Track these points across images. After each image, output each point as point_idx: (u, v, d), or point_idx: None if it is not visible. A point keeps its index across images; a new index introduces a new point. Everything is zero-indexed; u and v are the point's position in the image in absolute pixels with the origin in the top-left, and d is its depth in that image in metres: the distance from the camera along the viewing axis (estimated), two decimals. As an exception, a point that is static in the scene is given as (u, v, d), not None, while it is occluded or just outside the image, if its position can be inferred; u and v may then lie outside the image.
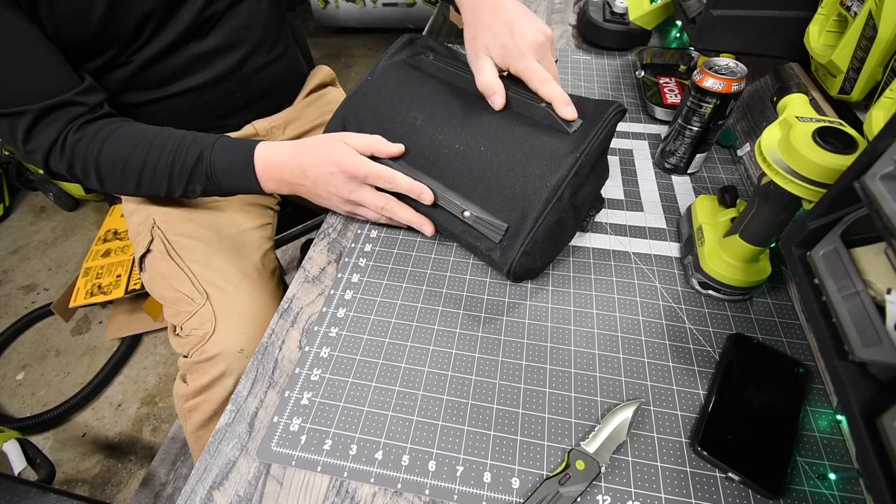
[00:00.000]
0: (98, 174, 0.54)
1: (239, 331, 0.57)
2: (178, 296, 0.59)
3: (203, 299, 0.58)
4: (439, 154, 0.49)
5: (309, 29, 2.66)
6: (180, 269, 0.61)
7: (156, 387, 1.26)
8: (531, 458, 0.38)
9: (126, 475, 1.10)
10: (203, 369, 0.56)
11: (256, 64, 0.68)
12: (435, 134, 0.49)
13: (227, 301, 0.59)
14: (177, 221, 0.64)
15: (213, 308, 0.58)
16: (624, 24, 0.84)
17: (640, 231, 0.55)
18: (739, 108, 0.68)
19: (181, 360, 0.58)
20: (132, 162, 0.53)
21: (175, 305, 0.60)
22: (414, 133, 0.50)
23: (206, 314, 0.57)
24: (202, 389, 0.56)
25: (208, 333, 0.56)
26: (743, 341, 0.43)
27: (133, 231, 0.67)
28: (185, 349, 0.58)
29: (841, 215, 0.30)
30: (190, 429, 0.58)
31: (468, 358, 0.44)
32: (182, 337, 0.58)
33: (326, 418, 0.40)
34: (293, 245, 1.53)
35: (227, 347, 0.55)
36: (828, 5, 0.50)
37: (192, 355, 0.56)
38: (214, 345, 0.56)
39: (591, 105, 0.48)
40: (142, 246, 0.64)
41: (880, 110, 0.39)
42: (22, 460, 0.87)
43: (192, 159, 0.52)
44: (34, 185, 1.76)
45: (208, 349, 0.56)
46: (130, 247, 1.35)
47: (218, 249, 0.63)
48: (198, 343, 0.56)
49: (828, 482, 0.36)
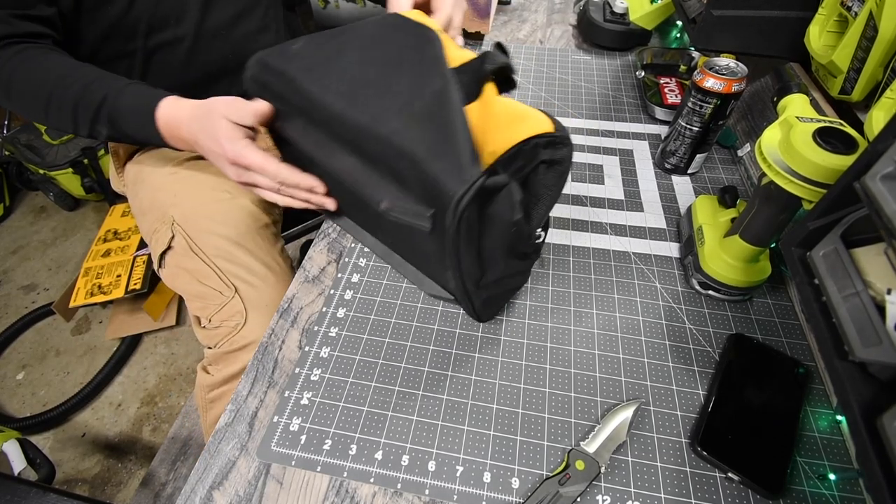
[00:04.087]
0: (8, 93, 0.53)
1: (268, 319, 0.58)
2: (206, 290, 0.61)
3: (232, 292, 0.59)
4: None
5: (309, 29, 2.66)
6: (206, 264, 0.62)
7: (156, 387, 1.26)
8: (531, 458, 0.38)
9: (126, 475, 1.10)
10: (233, 359, 0.57)
11: (249, 28, 0.67)
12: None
13: (256, 294, 0.60)
14: (196, 218, 0.65)
15: (242, 300, 0.59)
16: (624, 24, 0.84)
17: (640, 231, 0.55)
18: (740, 108, 0.68)
19: (207, 351, 0.60)
20: (42, 90, 0.52)
21: (202, 299, 0.61)
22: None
23: (236, 306, 0.59)
24: (229, 379, 0.57)
25: (240, 324, 0.58)
26: (743, 341, 0.43)
27: (148, 228, 0.68)
28: (213, 341, 0.59)
29: (841, 215, 0.30)
30: (210, 420, 0.60)
31: (468, 358, 0.44)
32: (210, 329, 0.60)
33: (326, 418, 0.40)
34: (293, 245, 1.53)
35: (258, 336, 0.57)
36: (828, 5, 0.50)
37: (222, 346, 0.58)
38: (246, 334, 0.57)
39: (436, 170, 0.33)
40: (161, 243, 0.64)
41: (881, 110, 0.39)
42: (22, 460, 0.87)
43: (98, 100, 0.51)
44: (34, 185, 1.76)
45: (240, 339, 0.57)
46: (131, 247, 1.35)
47: (238, 245, 0.64)
48: (228, 334, 0.58)
49: (828, 482, 0.36)
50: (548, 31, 0.95)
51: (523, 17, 1.01)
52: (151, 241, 0.67)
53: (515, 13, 1.02)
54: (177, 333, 1.36)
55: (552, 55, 0.86)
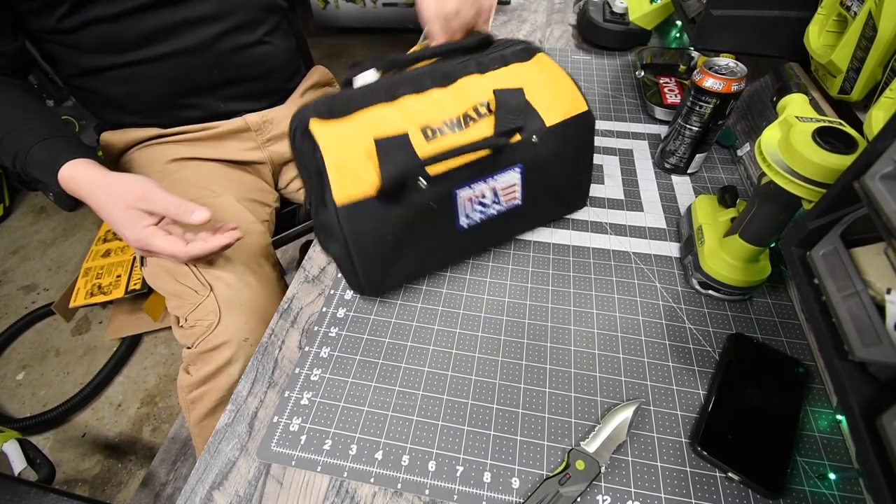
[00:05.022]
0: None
1: (243, 320, 0.58)
2: (182, 289, 0.60)
3: (207, 291, 0.59)
4: None
5: (309, 29, 2.66)
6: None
7: (156, 387, 1.26)
8: (531, 458, 0.38)
9: (126, 475, 1.10)
10: (208, 358, 0.57)
11: (237, 42, 0.67)
12: None
13: (231, 292, 0.60)
14: None
15: (216, 299, 0.59)
16: (624, 24, 0.84)
17: (640, 231, 0.55)
18: (739, 108, 0.68)
19: (185, 351, 0.59)
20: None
21: (179, 298, 0.61)
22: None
23: (210, 305, 0.58)
24: (207, 378, 0.57)
25: (213, 323, 0.57)
26: (743, 341, 0.43)
27: None
28: (189, 340, 0.59)
29: (841, 215, 0.30)
30: (193, 420, 0.59)
31: (468, 358, 0.44)
32: (186, 328, 0.59)
33: (326, 418, 0.40)
34: (293, 245, 1.53)
35: (232, 335, 0.56)
36: (828, 5, 0.50)
37: (198, 345, 0.57)
38: (220, 334, 0.57)
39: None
40: None
41: (880, 110, 0.39)
42: (22, 460, 0.87)
43: (11, 153, 0.54)
44: (34, 185, 1.76)
45: (213, 338, 0.57)
46: (130, 247, 1.35)
47: None
48: (203, 333, 0.57)
49: (828, 482, 0.36)
50: (547, 31, 0.95)
51: (523, 17, 1.01)
52: None
53: (515, 13, 1.02)
54: (177, 333, 1.36)
55: (552, 55, 0.85)
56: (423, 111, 0.43)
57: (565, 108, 0.47)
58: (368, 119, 0.42)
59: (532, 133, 0.46)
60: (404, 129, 0.42)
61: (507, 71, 0.47)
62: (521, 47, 0.49)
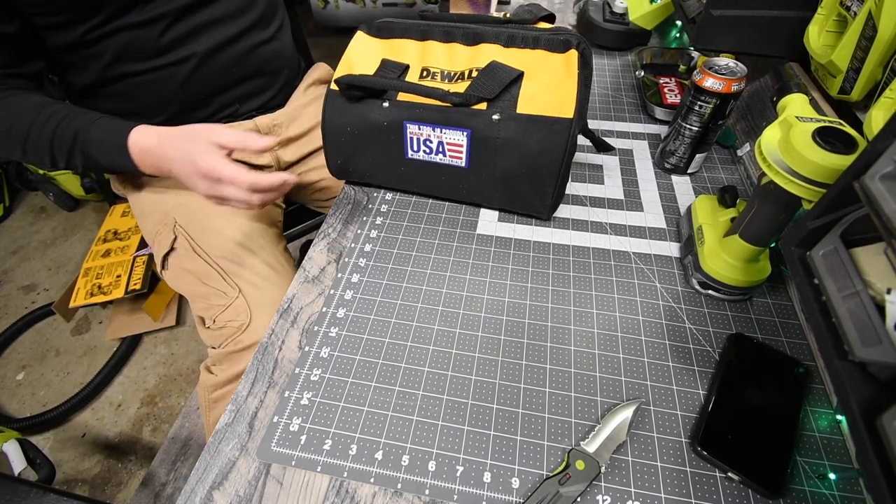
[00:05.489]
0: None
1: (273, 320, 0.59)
2: (210, 291, 0.61)
3: (236, 293, 0.60)
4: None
5: (309, 29, 2.66)
6: (209, 265, 0.62)
7: (156, 387, 1.26)
8: (531, 457, 0.38)
9: (126, 475, 1.10)
10: (237, 358, 0.57)
11: (254, 40, 0.68)
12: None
13: (260, 294, 0.60)
14: (198, 220, 0.66)
15: (246, 300, 0.59)
16: (624, 24, 0.84)
17: (640, 231, 0.55)
18: (739, 108, 0.68)
19: (211, 351, 0.60)
20: (16, 130, 0.55)
21: (206, 300, 0.61)
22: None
23: (240, 306, 0.59)
24: (233, 378, 0.58)
25: (244, 324, 0.58)
26: (743, 341, 0.43)
27: (150, 230, 0.68)
28: (217, 341, 0.59)
29: (841, 215, 0.30)
30: (213, 419, 0.60)
31: (468, 358, 0.44)
32: (214, 329, 0.60)
33: (326, 418, 0.40)
34: (293, 245, 1.53)
35: (262, 336, 0.57)
36: (828, 5, 0.50)
37: (226, 346, 0.58)
38: (251, 335, 0.58)
39: None
40: (164, 245, 0.65)
41: (880, 110, 0.39)
42: (22, 460, 0.87)
43: (70, 136, 0.54)
44: (34, 186, 1.76)
45: (244, 339, 0.57)
46: (130, 247, 1.35)
47: (241, 245, 0.64)
48: (233, 334, 0.58)
49: (828, 482, 0.36)
50: (547, 31, 0.95)
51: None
52: (154, 243, 0.67)
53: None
54: (177, 334, 1.36)
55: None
56: (435, 55, 0.53)
57: (549, 106, 0.47)
58: (396, 45, 0.54)
59: (498, 110, 0.48)
60: (409, 62, 0.53)
61: (529, 54, 0.49)
62: (564, 38, 0.48)
